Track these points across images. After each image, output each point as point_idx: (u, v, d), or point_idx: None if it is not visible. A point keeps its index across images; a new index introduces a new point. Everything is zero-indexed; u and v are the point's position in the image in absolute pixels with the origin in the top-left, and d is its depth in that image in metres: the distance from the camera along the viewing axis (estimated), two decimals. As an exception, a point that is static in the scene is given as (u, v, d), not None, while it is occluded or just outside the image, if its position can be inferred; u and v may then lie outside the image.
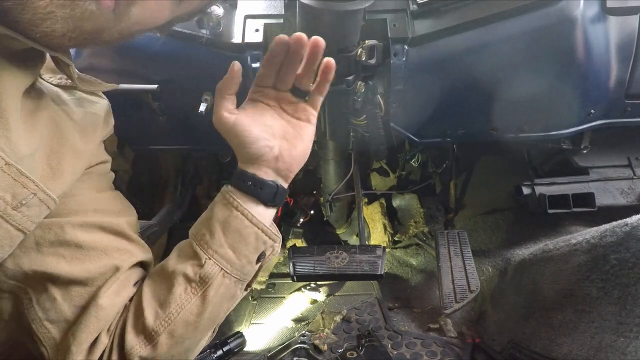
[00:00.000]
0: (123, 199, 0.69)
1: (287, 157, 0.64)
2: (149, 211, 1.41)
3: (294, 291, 1.59)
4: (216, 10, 0.88)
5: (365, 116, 1.08)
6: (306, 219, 1.70)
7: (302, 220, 1.68)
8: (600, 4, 0.96)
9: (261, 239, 0.63)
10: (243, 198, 0.62)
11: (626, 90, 1.04)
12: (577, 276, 0.90)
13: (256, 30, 0.93)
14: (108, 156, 0.70)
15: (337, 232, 1.81)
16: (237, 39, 0.92)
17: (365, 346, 1.15)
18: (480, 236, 1.59)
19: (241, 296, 0.67)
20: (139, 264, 0.65)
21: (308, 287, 1.58)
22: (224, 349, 1.15)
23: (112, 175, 0.71)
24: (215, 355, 1.13)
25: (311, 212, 1.74)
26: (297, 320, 1.42)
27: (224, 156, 1.49)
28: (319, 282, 1.59)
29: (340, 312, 1.36)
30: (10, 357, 0.62)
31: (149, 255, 0.67)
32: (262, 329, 1.40)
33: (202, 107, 0.94)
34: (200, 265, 0.59)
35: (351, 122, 1.09)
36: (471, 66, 0.95)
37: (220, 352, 1.14)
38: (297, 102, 0.64)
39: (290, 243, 1.71)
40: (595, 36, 0.95)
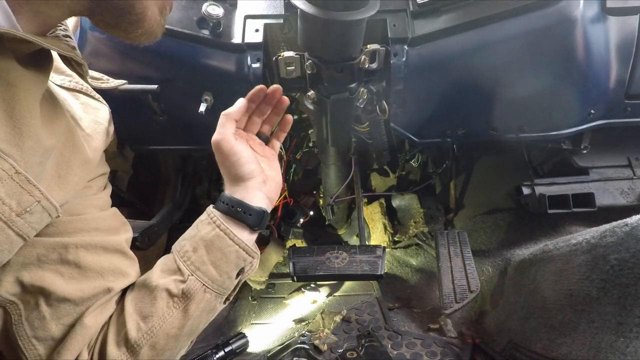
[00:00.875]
0: (120, 215, 0.71)
1: (272, 182, 0.72)
2: (149, 211, 1.41)
3: (294, 291, 1.59)
4: (216, 10, 0.88)
5: (368, 123, 1.08)
6: (306, 219, 1.70)
7: (302, 220, 1.68)
8: (600, 4, 0.96)
9: (242, 256, 0.66)
10: (228, 220, 0.66)
11: (626, 90, 1.04)
12: (577, 276, 0.90)
13: (256, 30, 0.93)
14: (107, 167, 0.71)
15: (337, 232, 1.81)
16: (237, 39, 0.92)
17: (365, 346, 1.15)
18: (480, 236, 1.59)
19: (220, 308, 0.70)
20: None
21: (308, 287, 1.58)
22: (226, 349, 1.15)
23: (110, 189, 0.72)
24: (216, 356, 1.13)
25: (311, 213, 1.74)
26: (297, 321, 1.42)
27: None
28: (319, 282, 1.59)
29: (340, 312, 1.36)
30: None
31: (137, 268, 0.69)
32: (262, 329, 1.40)
33: (202, 107, 0.94)
34: (183, 281, 0.62)
35: (354, 128, 1.09)
36: (471, 66, 0.95)
37: (222, 352, 1.14)
38: (262, 144, 0.76)
39: (290, 243, 1.71)
40: (595, 36, 0.95)
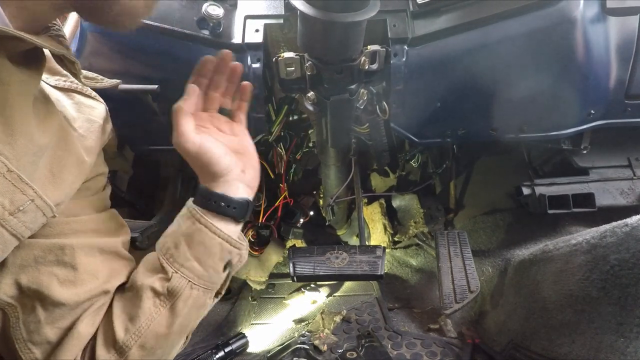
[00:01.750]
0: (118, 216, 0.70)
1: (250, 168, 0.69)
2: (149, 211, 1.41)
3: (294, 291, 1.59)
4: (216, 11, 0.88)
5: (368, 124, 1.08)
6: (306, 220, 1.70)
7: (302, 220, 1.68)
8: (600, 5, 0.96)
9: (226, 248, 0.65)
10: (208, 214, 0.64)
11: (626, 90, 1.04)
12: (577, 276, 0.90)
13: (256, 30, 0.93)
14: (106, 167, 0.70)
15: (337, 233, 1.81)
16: (237, 39, 0.92)
17: (365, 346, 1.15)
18: (480, 236, 1.59)
19: (212, 304, 0.69)
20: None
21: (308, 288, 1.58)
22: (226, 349, 1.15)
23: (109, 190, 0.71)
24: (216, 356, 1.13)
25: (311, 213, 1.74)
26: (297, 321, 1.42)
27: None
28: (319, 283, 1.59)
29: (340, 312, 1.36)
30: None
31: (132, 270, 0.68)
32: (262, 329, 1.40)
33: (202, 108, 0.94)
34: (167, 279, 0.61)
35: (354, 130, 1.09)
36: (471, 66, 0.95)
37: (221, 353, 1.14)
38: (228, 122, 0.72)
39: (290, 243, 1.71)
40: (595, 37, 0.95)
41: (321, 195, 1.75)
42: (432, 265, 1.61)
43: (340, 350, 1.18)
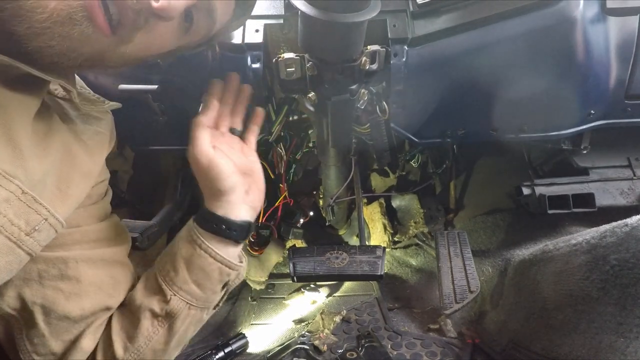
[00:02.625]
0: (119, 223, 0.70)
1: (255, 190, 0.70)
2: (149, 211, 1.41)
3: (294, 292, 1.59)
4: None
5: (368, 124, 1.08)
6: (306, 220, 1.70)
7: (302, 220, 1.68)
8: (600, 5, 0.96)
9: (225, 272, 0.65)
10: (209, 237, 0.64)
11: (626, 90, 1.04)
12: (577, 276, 0.90)
13: (256, 30, 0.93)
14: (107, 173, 0.70)
15: (337, 232, 1.81)
16: (237, 40, 0.92)
17: (365, 347, 1.15)
18: (480, 236, 1.59)
19: (208, 316, 0.70)
20: None
21: (308, 288, 1.58)
22: (226, 350, 1.15)
23: (110, 197, 0.71)
24: (216, 357, 1.13)
25: (311, 213, 1.74)
26: (296, 321, 1.42)
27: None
28: (318, 283, 1.59)
29: (340, 312, 1.36)
30: None
31: (134, 275, 0.69)
32: (262, 329, 1.40)
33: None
34: (166, 302, 0.62)
35: (354, 130, 1.09)
36: (471, 67, 0.95)
37: (221, 353, 1.14)
38: (240, 142, 0.73)
39: (290, 243, 1.71)
40: (595, 37, 0.95)
41: (321, 196, 1.74)
42: (432, 265, 1.61)
43: (340, 351, 1.18)
